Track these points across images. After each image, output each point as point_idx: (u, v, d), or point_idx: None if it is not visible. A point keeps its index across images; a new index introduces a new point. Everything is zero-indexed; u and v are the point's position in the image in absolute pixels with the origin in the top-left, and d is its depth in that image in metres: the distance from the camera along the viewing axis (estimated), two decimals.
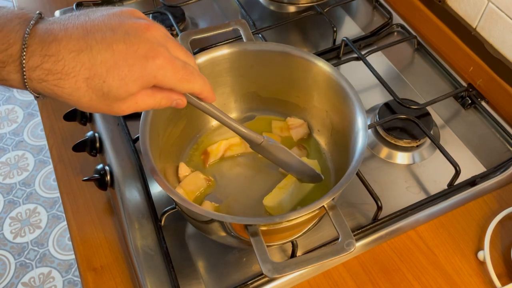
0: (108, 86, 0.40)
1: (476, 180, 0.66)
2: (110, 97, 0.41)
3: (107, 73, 0.40)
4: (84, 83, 0.40)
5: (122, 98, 0.42)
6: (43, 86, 0.39)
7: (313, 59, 0.61)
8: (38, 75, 0.39)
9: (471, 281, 0.58)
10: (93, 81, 0.40)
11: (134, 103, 0.43)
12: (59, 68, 0.38)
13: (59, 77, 0.39)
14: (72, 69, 0.39)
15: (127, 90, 0.41)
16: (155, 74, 0.41)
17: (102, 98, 0.41)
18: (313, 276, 0.59)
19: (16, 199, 1.76)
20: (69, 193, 0.67)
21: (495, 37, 0.76)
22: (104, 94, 0.41)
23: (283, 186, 0.59)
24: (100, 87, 0.40)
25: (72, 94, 0.40)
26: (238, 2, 0.90)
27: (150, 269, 0.58)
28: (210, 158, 0.64)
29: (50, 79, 0.39)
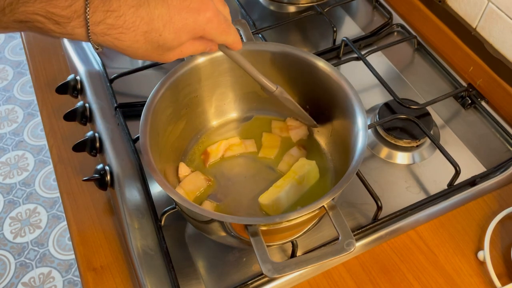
0: (164, 38, 0.44)
1: (476, 180, 0.66)
2: (163, 48, 0.45)
3: (163, 27, 0.43)
4: (142, 37, 0.43)
5: (173, 48, 0.46)
6: (105, 39, 0.42)
7: (313, 59, 0.61)
8: (101, 29, 0.41)
9: (471, 281, 0.58)
10: (151, 35, 0.43)
11: (179, 51, 0.47)
12: (120, 23, 0.42)
13: (120, 31, 0.42)
14: (132, 24, 0.42)
15: (180, 42, 0.45)
16: (205, 26, 0.46)
17: (156, 49, 0.45)
18: (313, 276, 0.59)
19: (16, 199, 1.76)
20: (69, 193, 0.67)
21: (495, 37, 0.76)
22: (159, 46, 0.44)
23: (279, 185, 0.60)
24: (157, 40, 0.44)
25: (131, 46, 0.44)
26: (238, 2, 0.90)
27: (150, 269, 0.58)
28: (210, 158, 0.64)
29: (112, 33, 0.42)
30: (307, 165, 0.61)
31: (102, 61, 0.79)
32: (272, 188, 0.59)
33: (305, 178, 0.60)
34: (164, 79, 0.58)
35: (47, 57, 0.85)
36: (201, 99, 0.65)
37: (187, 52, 0.48)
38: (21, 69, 2.18)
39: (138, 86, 0.79)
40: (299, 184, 0.60)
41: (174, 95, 0.60)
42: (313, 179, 0.62)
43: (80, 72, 0.79)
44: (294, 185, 0.60)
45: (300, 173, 0.60)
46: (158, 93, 0.57)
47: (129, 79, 0.77)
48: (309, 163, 0.61)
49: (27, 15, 0.39)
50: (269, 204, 0.58)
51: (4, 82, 2.13)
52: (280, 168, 0.64)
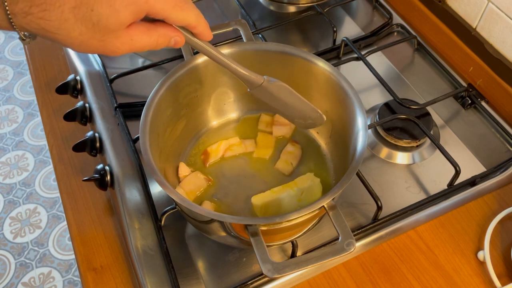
0: (97, 14, 0.37)
1: (476, 180, 0.66)
2: (101, 29, 0.38)
3: (94, 0, 0.37)
4: (71, 14, 0.37)
5: (113, 29, 0.39)
6: (28, 21, 0.37)
7: (313, 59, 0.61)
8: (21, 8, 0.36)
9: (471, 281, 0.58)
10: (81, 10, 0.37)
11: (128, 39, 0.40)
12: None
13: (43, 8, 0.37)
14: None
15: (118, 18, 0.38)
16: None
17: (92, 31, 0.38)
18: (313, 276, 0.59)
19: (16, 199, 1.76)
20: (69, 193, 0.67)
21: (495, 37, 0.76)
22: (94, 25, 0.38)
23: (276, 191, 0.59)
24: (89, 17, 0.37)
25: (61, 27, 0.38)
26: (238, 2, 0.90)
27: (150, 269, 0.58)
28: (210, 158, 0.64)
29: (35, 11, 0.37)
30: (310, 181, 0.60)
31: (102, 61, 0.79)
32: (268, 192, 0.59)
33: (304, 192, 0.59)
34: (164, 79, 0.58)
35: (47, 57, 0.85)
36: (201, 99, 0.65)
37: (140, 42, 0.41)
38: (21, 69, 2.18)
39: (138, 86, 0.79)
40: (296, 196, 0.59)
41: (174, 95, 0.60)
42: (313, 196, 0.60)
43: (80, 72, 0.79)
44: (291, 195, 0.59)
45: (300, 185, 0.60)
46: (158, 93, 0.57)
47: (129, 79, 0.78)
48: (313, 179, 0.61)
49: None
50: (259, 206, 0.58)
51: (4, 82, 2.13)
52: (279, 167, 0.64)
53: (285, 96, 0.55)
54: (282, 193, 0.59)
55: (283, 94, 0.55)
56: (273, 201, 0.58)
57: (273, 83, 0.53)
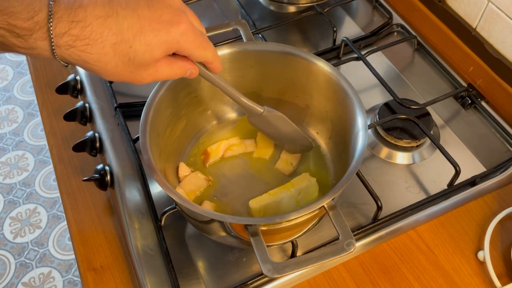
0: (135, 51, 0.41)
1: (476, 180, 0.66)
2: (135, 63, 0.42)
3: (133, 38, 0.41)
4: (111, 49, 0.40)
5: (146, 64, 0.43)
6: (70, 53, 0.40)
7: (313, 59, 0.61)
8: (66, 41, 0.39)
9: (471, 281, 0.58)
10: (120, 47, 0.41)
11: (154, 71, 0.44)
12: (87, 33, 0.39)
13: (87, 42, 0.40)
14: (100, 35, 0.40)
15: (152, 55, 0.42)
16: (179, 39, 0.43)
17: (127, 64, 0.42)
18: (313, 276, 0.59)
19: (16, 199, 1.76)
20: (69, 193, 0.67)
21: (495, 37, 0.76)
22: (130, 60, 0.42)
23: (273, 193, 0.59)
24: (127, 53, 0.41)
25: (99, 60, 0.41)
26: (238, 2, 0.90)
27: (150, 269, 0.58)
28: (210, 158, 0.64)
29: (78, 45, 0.40)
30: (306, 181, 0.60)
31: None
32: (265, 194, 0.59)
33: (301, 192, 0.60)
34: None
35: None
36: (201, 99, 0.65)
37: (163, 73, 0.45)
38: (21, 69, 2.18)
39: (138, 86, 0.78)
40: (293, 197, 0.59)
41: (174, 95, 0.60)
42: (310, 196, 0.60)
43: (80, 72, 0.79)
44: (288, 196, 0.59)
45: (297, 186, 0.60)
46: (158, 93, 0.57)
47: None
48: (309, 179, 0.61)
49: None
50: (257, 209, 0.58)
51: (4, 82, 2.13)
52: (279, 167, 0.64)
53: (281, 125, 0.60)
54: (279, 195, 0.59)
55: (279, 123, 0.60)
56: (271, 204, 0.58)
57: (272, 113, 0.59)
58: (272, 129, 0.61)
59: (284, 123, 0.60)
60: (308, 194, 0.60)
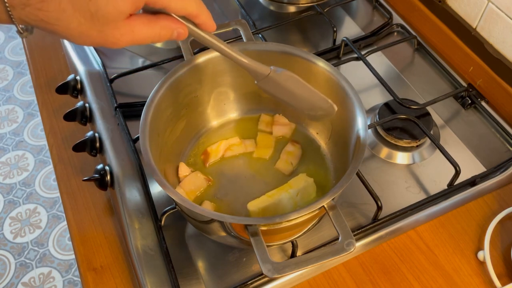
0: (95, 4, 0.37)
1: (476, 180, 0.66)
2: (100, 19, 0.38)
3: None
4: (69, 4, 0.37)
5: (112, 19, 0.38)
6: (27, 13, 0.37)
7: (313, 59, 0.61)
8: (20, 0, 0.36)
9: (471, 281, 0.58)
10: (78, 0, 0.37)
11: (129, 30, 0.40)
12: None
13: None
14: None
15: (117, 7, 0.38)
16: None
17: (91, 21, 0.38)
18: (313, 276, 0.59)
19: (16, 199, 1.76)
20: (69, 193, 0.67)
21: (495, 37, 0.76)
22: (92, 15, 0.38)
23: (271, 195, 0.59)
24: (87, 6, 0.37)
25: (59, 19, 0.37)
26: (238, 2, 0.90)
27: (150, 269, 0.58)
28: (210, 158, 0.64)
29: (33, 2, 0.37)
30: (304, 181, 0.60)
31: (102, 61, 0.79)
32: (263, 196, 0.59)
33: (299, 193, 0.60)
34: (164, 79, 0.58)
35: (47, 57, 0.85)
36: (201, 99, 0.65)
37: (141, 34, 0.40)
38: (21, 69, 2.18)
39: (138, 86, 0.79)
40: (291, 198, 0.59)
41: (174, 95, 0.60)
42: (308, 196, 0.60)
43: (80, 72, 0.79)
44: (286, 197, 0.59)
45: (295, 187, 0.60)
46: (158, 93, 0.57)
47: (129, 79, 0.77)
48: (307, 179, 0.61)
49: None
50: (256, 211, 0.58)
51: (4, 82, 2.13)
52: (279, 167, 0.64)
53: (293, 86, 0.53)
54: (277, 196, 0.59)
55: (291, 84, 0.53)
56: (270, 206, 0.58)
57: (280, 73, 0.51)
58: (285, 92, 0.53)
59: (296, 84, 0.53)
60: (306, 194, 0.60)
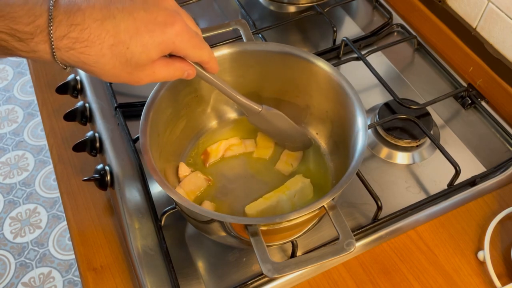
0: (131, 52, 0.43)
1: (476, 180, 0.66)
2: (132, 64, 0.44)
3: (130, 40, 0.42)
4: (108, 50, 0.42)
5: (142, 64, 0.44)
6: (70, 55, 0.42)
7: (313, 59, 0.61)
8: (66, 43, 0.41)
9: (471, 281, 0.58)
10: (117, 48, 0.42)
11: (151, 72, 0.46)
12: (85, 36, 0.41)
13: (85, 44, 0.41)
14: (98, 37, 0.41)
15: (149, 56, 0.44)
16: (174, 39, 0.44)
17: (124, 65, 0.43)
18: (313, 276, 0.59)
19: (16, 199, 1.76)
20: (69, 193, 0.67)
21: (495, 37, 0.76)
22: (127, 61, 0.43)
23: (268, 198, 0.59)
24: (124, 53, 0.43)
25: (98, 61, 0.42)
26: (238, 2, 0.90)
27: (150, 269, 0.58)
28: (210, 158, 0.64)
29: (77, 47, 0.41)
30: (301, 183, 0.60)
31: None
32: (260, 199, 0.59)
33: (296, 194, 0.60)
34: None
35: None
36: (201, 99, 0.65)
37: (160, 74, 0.46)
38: (21, 69, 2.18)
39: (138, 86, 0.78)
40: (289, 199, 0.59)
41: (174, 95, 0.60)
42: (306, 197, 0.60)
43: (80, 72, 0.79)
44: (283, 199, 0.59)
45: (292, 188, 0.60)
46: (158, 93, 0.57)
47: None
48: (303, 180, 0.61)
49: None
50: (254, 214, 0.58)
51: (4, 82, 2.13)
52: (279, 168, 0.64)
53: (279, 122, 0.61)
54: (275, 198, 0.59)
55: (278, 121, 0.61)
56: (267, 208, 0.58)
57: (269, 111, 0.59)
58: (271, 127, 0.62)
59: (282, 121, 0.61)
60: (303, 195, 0.60)
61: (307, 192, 0.60)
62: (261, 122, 0.61)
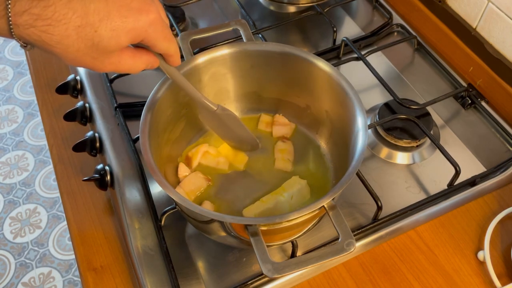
0: (99, 35, 0.40)
1: (476, 180, 0.66)
2: (99, 48, 0.41)
3: (99, 23, 0.40)
4: (74, 31, 0.39)
5: (110, 51, 0.42)
6: (30, 33, 0.38)
7: (313, 59, 0.61)
8: (26, 20, 0.38)
9: (471, 281, 0.58)
10: (84, 30, 0.39)
11: (117, 60, 0.43)
12: (49, 13, 0.38)
13: (48, 23, 0.38)
14: (64, 16, 0.38)
15: (118, 42, 0.41)
16: (147, 28, 0.42)
17: (90, 49, 0.41)
18: (313, 276, 0.59)
19: (16, 199, 1.76)
20: (69, 193, 0.67)
21: (495, 37, 0.76)
22: (93, 45, 0.40)
23: (265, 200, 0.59)
24: (91, 37, 0.40)
25: (61, 42, 0.40)
26: (238, 2, 0.90)
27: (150, 269, 0.58)
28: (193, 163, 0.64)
29: (39, 25, 0.38)
30: (298, 184, 0.60)
31: None
32: (258, 202, 0.59)
33: (293, 196, 0.60)
34: (164, 79, 0.58)
35: (47, 57, 0.85)
36: None
37: (125, 65, 0.44)
38: (21, 69, 2.18)
39: (138, 86, 0.79)
40: (286, 201, 0.59)
41: (174, 95, 0.60)
42: (303, 198, 0.60)
43: (80, 72, 0.79)
44: (281, 201, 0.59)
45: (289, 190, 0.60)
46: (158, 93, 0.57)
47: (129, 79, 0.78)
48: (300, 181, 0.61)
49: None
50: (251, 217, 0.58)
51: (4, 82, 2.13)
52: (279, 167, 0.64)
53: (232, 124, 0.60)
54: (272, 201, 0.59)
55: (230, 123, 0.60)
56: (265, 211, 0.58)
57: (225, 112, 0.58)
58: (222, 127, 0.61)
59: (235, 123, 0.60)
60: (300, 197, 0.60)
61: (304, 193, 0.60)
62: (212, 121, 0.60)
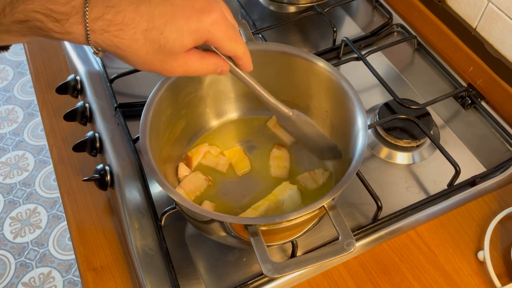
0: (165, 37, 0.42)
1: (476, 180, 0.66)
2: (165, 50, 0.43)
3: (164, 25, 0.42)
4: (142, 35, 0.41)
5: (176, 52, 0.43)
6: (104, 38, 0.41)
7: (313, 59, 0.61)
8: (100, 25, 0.40)
9: (471, 281, 0.58)
10: (151, 33, 0.42)
11: (184, 63, 0.45)
12: (119, 19, 0.40)
13: (119, 27, 0.41)
14: (132, 20, 0.41)
15: (182, 43, 0.43)
16: (209, 28, 0.43)
17: (157, 52, 0.43)
18: (313, 276, 0.59)
19: (16, 199, 1.76)
20: (69, 193, 0.68)
21: (495, 37, 0.76)
22: (160, 47, 0.42)
23: (256, 207, 0.59)
24: (157, 39, 0.42)
25: (131, 46, 0.42)
26: (238, 2, 0.90)
27: (150, 269, 0.58)
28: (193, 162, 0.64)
29: (112, 30, 0.41)
30: (288, 189, 0.60)
31: (102, 61, 0.79)
32: (249, 209, 0.59)
33: (284, 201, 0.59)
34: (164, 79, 0.58)
35: (47, 57, 0.85)
36: (201, 99, 0.65)
37: (193, 67, 0.45)
38: (21, 69, 2.18)
39: (138, 86, 0.79)
40: (277, 207, 0.59)
41: (174, 95, 0.60)
42: (295, 204, 0.60)
43: (80, 72, 0.79)
44: (272, 207, 0.59)
45: (279, 196, 0.59)
46: (158, 93, 0.57)
47: (129, 79, 0.78)
48: (290, 187, 0.60)
49: (26, 13, 0.39)
50: None
51: (4, 82, 2.13)
52: (275, 175, 0.63)
53: (308, 130, 0.59)
54: (263, 208, 0.58)
55: (306, 128, 0.59)
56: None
57: (299, 117, 0.57)
58: (300, 132, 0.60)
59: (312, 129, 0.59)
60: (292, 202, 0.60)
61: (295, 198, 0.60)
62: (291, 127, 0.59)
